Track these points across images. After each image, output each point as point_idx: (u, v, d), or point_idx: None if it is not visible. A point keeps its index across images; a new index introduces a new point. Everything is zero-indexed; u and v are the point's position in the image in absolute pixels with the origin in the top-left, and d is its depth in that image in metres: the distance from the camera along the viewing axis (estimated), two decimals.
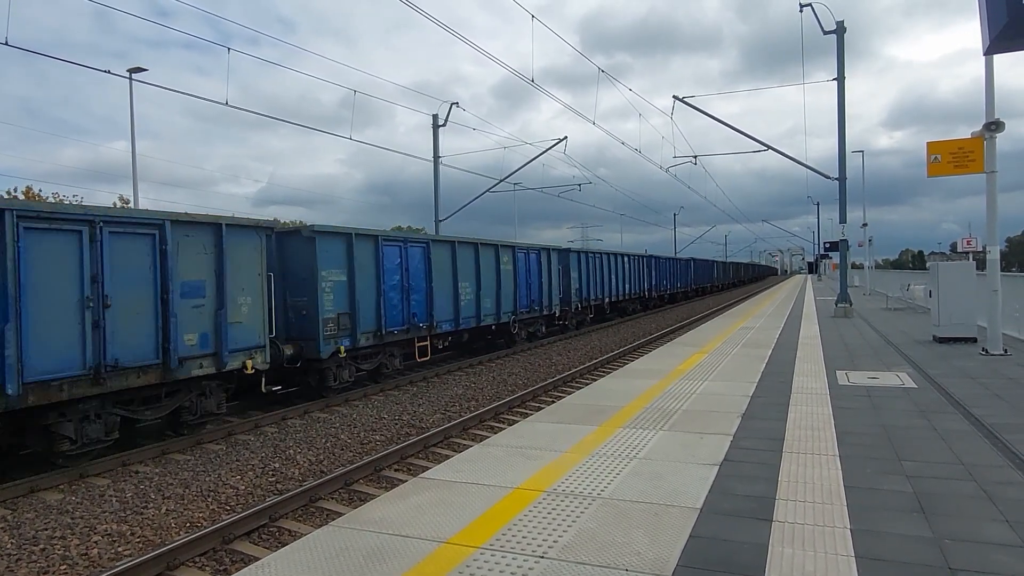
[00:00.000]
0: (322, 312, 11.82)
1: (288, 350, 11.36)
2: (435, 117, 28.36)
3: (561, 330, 24.03)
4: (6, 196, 36.82)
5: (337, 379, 12.31)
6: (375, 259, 13.31)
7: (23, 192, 37.77)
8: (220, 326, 9.62)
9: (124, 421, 8.75)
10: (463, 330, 16.95)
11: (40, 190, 38.31)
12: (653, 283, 36.71)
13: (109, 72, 15.07)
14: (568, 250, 24.92)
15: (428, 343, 15.14)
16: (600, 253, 28.86)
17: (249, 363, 10.05)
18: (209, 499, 7.20)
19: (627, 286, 31.66)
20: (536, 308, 20.97)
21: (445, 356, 17.81)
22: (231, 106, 16.51)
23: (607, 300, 28.66)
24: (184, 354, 9.14)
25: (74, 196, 38.83)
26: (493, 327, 18.49)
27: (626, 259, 32.22)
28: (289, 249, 12.08)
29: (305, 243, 11.96)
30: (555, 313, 22.51)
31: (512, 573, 3.31)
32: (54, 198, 37.04)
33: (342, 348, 12.14)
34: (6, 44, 11.38)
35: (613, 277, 29.50)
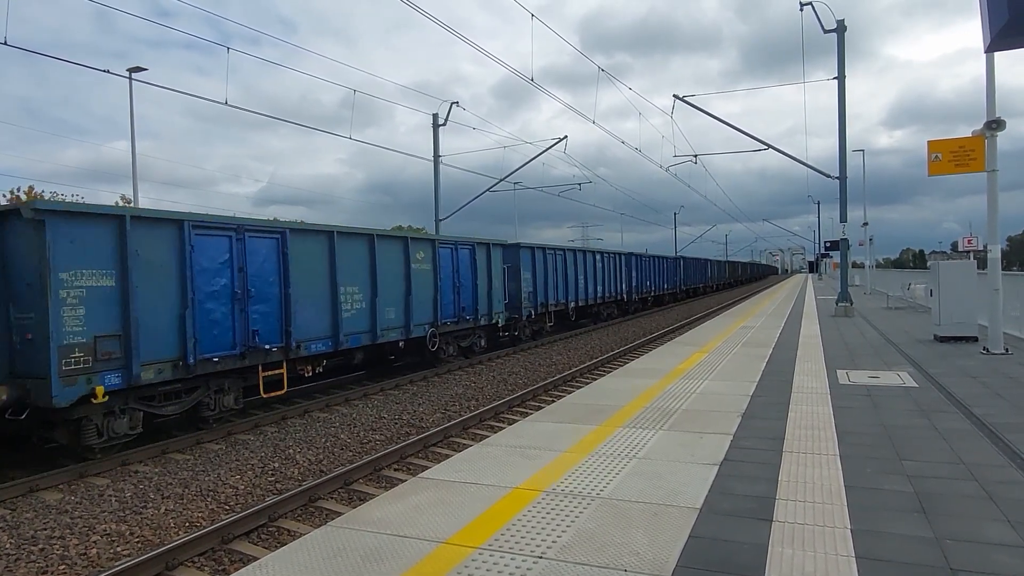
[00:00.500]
0: (59, 336, 7.80)
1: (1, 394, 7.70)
2: (435, 116, 28.36)
3: (511, 342, 20.05)
4: (9, 196, 36.85)
5: (105, 433, 8.47)
6: (178, 255, 9.37)
7: (25, 192, 37.71)
8: None
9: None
10: (351, 349, 12.88)
11: (42, 191, 38.30)
12: (634, 284, 33.05)
13: (108, 72, 15.08)
14: (518, 245, 21.09)
15: (283, 371, 11.07)
16: (562, 250, 24.69)
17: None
18: (208, 499, 7.19)
19: (600, 288, 28.07)
20: (469, 317, 17.06)
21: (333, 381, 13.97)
22: (231, 105, 16.47)
23: (572, 305, 24.85)
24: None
25: (74, 196, 38.76)
26: (401, 343, 14.36)
27: (598, 257, 28.44)
28: (8, 240, 8.22)
29: (29, 230, 7.89)
30: (498, 323, 18.67)
31: (511, 573, 3.30)
32: (52, 197, 37.02)
33: (100, 389, 8.15)
34: (5, 44, 11.36)
35: (581, 278, 25.81)
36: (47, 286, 7.74)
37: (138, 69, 22.67)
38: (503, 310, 18.83)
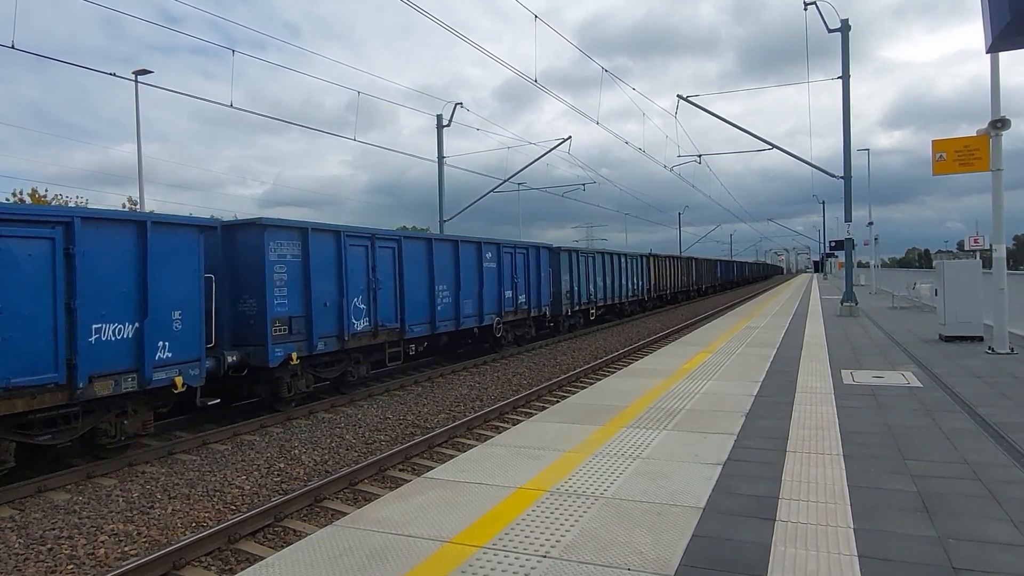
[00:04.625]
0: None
1: None
2: (439, 117, 28.41)
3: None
4: (15, 199, 37.15)
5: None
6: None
7: (28, 194, 38.05)
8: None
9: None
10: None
11: (46, 191, 38.70)
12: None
13: (115, 75, 15.14)
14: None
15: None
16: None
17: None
18: (215, 499, 7.24)
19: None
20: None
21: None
22: (236, 108, 16.53)
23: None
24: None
25: (78, 198, 39.18)
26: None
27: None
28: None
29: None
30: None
31: (515, 573, 3.32)
32: (57, 200, 37.50)
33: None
34: (12, 48, 11.45)
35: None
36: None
37: (144, 72, 22.77)
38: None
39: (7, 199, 37.91)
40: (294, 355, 10.98)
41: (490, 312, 17.66)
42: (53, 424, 7.89)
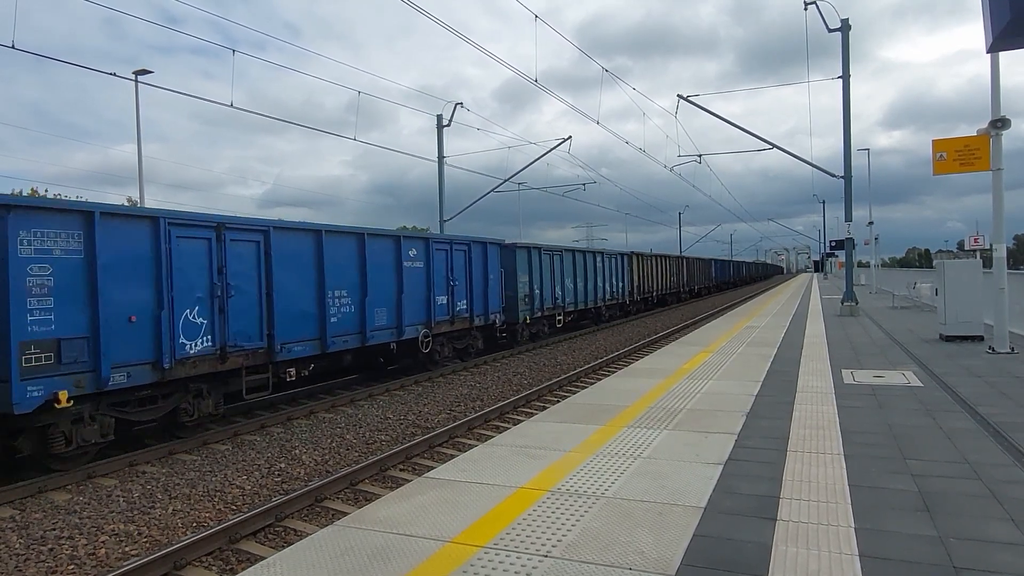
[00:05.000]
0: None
1: None
2: (439, 117, 28.42)
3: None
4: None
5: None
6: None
7: (28, 193, 38.16)
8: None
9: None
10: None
11: (46, 190, 38.86)
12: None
13: (115, 75, 15.14)
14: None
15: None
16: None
17: None
18: (215, 499, 7.24)
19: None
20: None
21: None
22: (237, 108, 16.53)
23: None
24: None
25: (77, 197, 39.43)
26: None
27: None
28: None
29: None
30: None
31: (516, 572, 3.32)
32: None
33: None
34: (12, 48, 11.45)
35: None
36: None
37: (144, 72, 22.77)
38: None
39: None
40: (64, 394, 7.74)
41: (414, 323, 14.39)
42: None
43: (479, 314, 17.26)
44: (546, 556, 3.49)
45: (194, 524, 6.57)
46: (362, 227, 13.34)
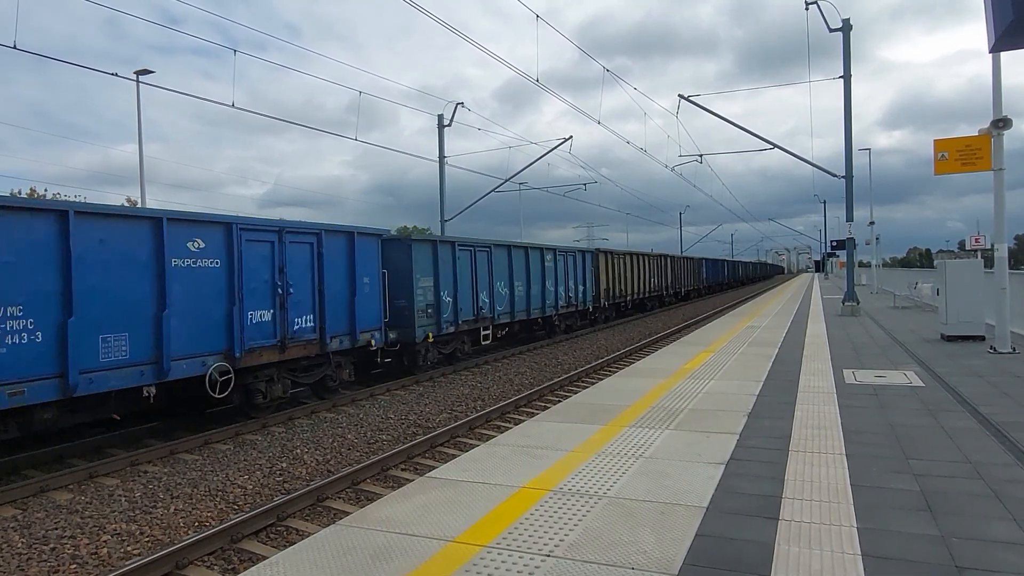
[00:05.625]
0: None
1: None
2: (440, 117, 28.44)
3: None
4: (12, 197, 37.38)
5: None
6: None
7: (28, 194, 38.27)
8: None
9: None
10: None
11: (45, 190, 38.98)
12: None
13: (117, 75, 15.17)
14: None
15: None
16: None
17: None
18: (217, 498, 7.24)
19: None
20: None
21: None
22: (238, 108, 16.54)
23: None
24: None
25: (77, 196, 39.59)
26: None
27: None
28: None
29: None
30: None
31: (519, 572, 3.32)
32: (54, 199, 37.89)
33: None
34: (14, 48, 11.46)
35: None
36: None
37: (145, 72, 22.80)
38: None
39: None
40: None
41: (200, 353, 9.60)
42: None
43: (339, 334, 12.06)
44: (548, 556, 3.49)
45: (196, 523, 6.58)
46: (91, 205, 9.01)
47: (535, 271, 20.73)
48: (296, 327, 11.20)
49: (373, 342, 13.03)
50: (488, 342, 18.18)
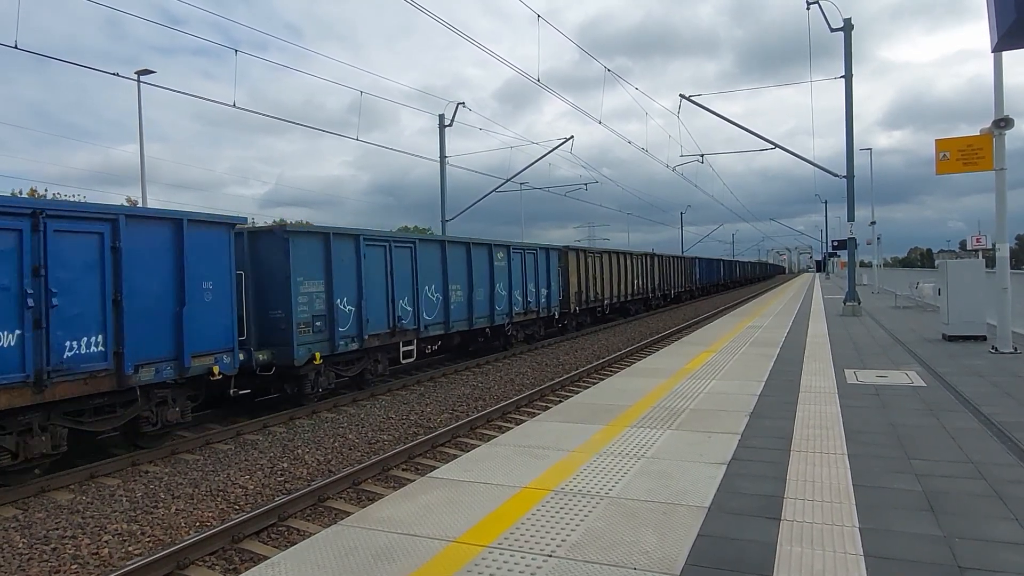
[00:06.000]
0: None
1: None
2: (441, 117, 28.45)
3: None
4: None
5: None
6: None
7: (28, 194, 38.32)
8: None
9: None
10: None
11: (46, 190, 39.10)
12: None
13: (118, 75, 15.19)
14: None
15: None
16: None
17: None
18: (218, 499, 7.24)
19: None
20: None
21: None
22: (239, 107, 16.54)
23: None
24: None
25: (76, 196, 39.68)
26: None
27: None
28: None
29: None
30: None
31: (520, 572, 3.32)
32: (54, 199, 38.08)
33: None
34: (15, 48, 11.47)
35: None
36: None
37: (146, 72, 22.81)
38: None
39: None
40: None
41: None
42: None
43: (154, 360, 8.81)
44: (550, 556, 3.49)
45: (197, 524, 6.58)
46: None
47: (480, 272, 17.30)
48: (69, 353, 7.82)
49: (217, 368, 9.62)
50: (412, 360, 14.56)
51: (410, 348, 14.43)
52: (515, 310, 19.08)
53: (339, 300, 12.10)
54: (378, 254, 13.42)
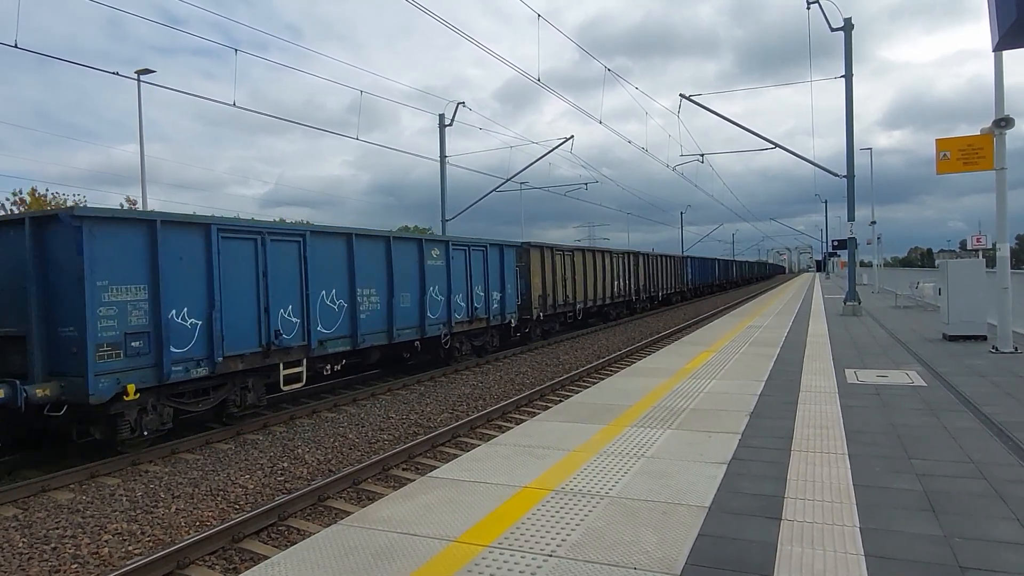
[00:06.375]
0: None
1: None
2: (441, 117, 28.44)
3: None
4: (14, 199, 37.42)
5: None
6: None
7: (28, 194, 38.31)
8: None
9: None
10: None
11: (46, 190, 39.08)
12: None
13: (118, 74, 15.22)
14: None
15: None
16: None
17: None
18: (218, 498, 7.24)
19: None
20: None
21: None
22: (239, 107, 16.54)
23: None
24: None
25: (76, 195, 39.72)
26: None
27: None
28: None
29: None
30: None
31: (521, 572, 3.32)
32: (56, 199, 38.07)
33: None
34: (15, 47, 11.46)
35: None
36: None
37: (146, 71, 22.81)
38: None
39: (7, 199, 38.32)
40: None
41: None
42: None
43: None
44: (551, 556, 3.49)
45: (197, 523, 6.57)
46: None
47: (405, 273, 14.13)
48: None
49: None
50: (299, 385, 11.31)
51: (296, 371, 11.13)
52: (456, 318, 15.97)
53: (172, 311, 9.00)
54: (245, 250, 10.24)
